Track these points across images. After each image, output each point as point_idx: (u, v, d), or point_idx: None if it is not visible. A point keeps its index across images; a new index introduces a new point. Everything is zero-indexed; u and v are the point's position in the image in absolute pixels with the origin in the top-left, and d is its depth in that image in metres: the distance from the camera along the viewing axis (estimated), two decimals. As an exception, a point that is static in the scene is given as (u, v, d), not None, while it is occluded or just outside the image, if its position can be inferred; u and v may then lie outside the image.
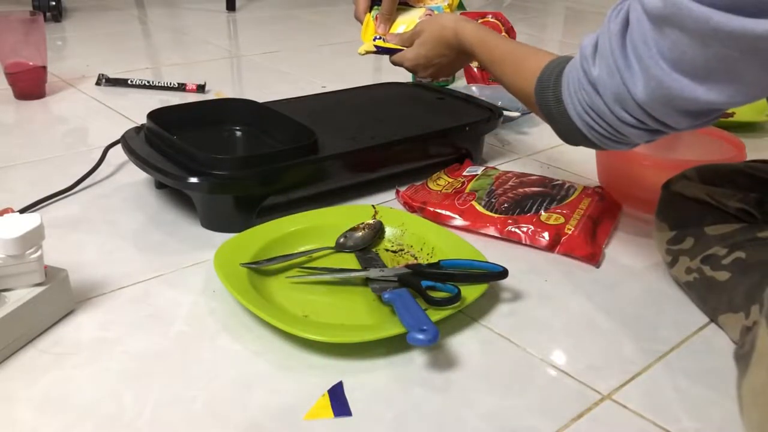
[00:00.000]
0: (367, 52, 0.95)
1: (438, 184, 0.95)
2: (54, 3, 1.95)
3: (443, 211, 0.87)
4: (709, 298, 0.69)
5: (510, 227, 0.84)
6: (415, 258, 0.78)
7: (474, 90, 1.33)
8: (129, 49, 1.75)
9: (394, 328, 0.62)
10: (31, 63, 1.28)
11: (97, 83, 1.42)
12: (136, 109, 1.27)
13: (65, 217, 0.87)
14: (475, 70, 1.44)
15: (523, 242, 0.83)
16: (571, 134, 0.68)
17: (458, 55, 0.87)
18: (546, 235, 0.82)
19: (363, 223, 0.81)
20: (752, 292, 0.63)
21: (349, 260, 0.77)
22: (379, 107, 1.06)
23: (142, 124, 0.93)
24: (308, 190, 0.90)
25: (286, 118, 0.95)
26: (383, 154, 0.96)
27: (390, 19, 0.93)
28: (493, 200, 0.88)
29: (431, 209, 0.88)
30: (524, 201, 0.88)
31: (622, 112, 0.60)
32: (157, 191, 0.94)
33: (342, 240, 0.79)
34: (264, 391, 0.59)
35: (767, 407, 0.47)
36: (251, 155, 0.88)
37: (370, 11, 0.94)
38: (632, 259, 0.82)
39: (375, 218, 0.83)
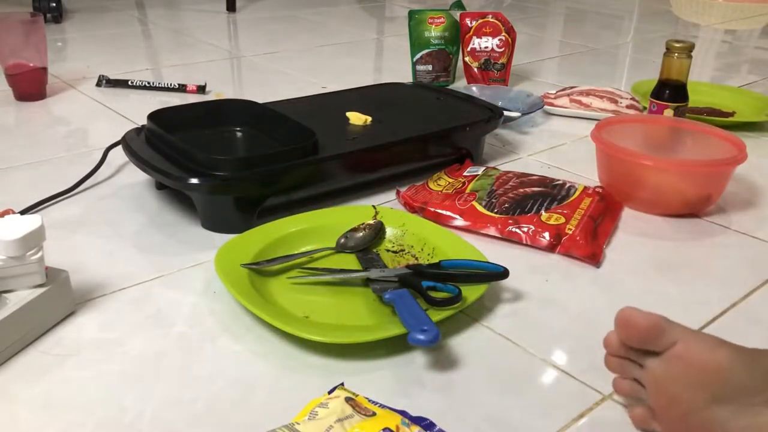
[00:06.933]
0: None
1: (438, 185, 0.95)
2: (54, 4, 1.95)
3: (444, 212, 0.87)
4: None
5: (510, 227, 0.84)
6: (416, 258, 0.78)
7: (474, 90, 1.33)
8: (129, 50, 1.75)
9: (394, 329, 0.62)
10: (31, 64, 1.28)
11: (98, 84, 1.42)
12: (137, 110, 1.27)
13: (66, 218, 0.87)
14: (475, 70, 1.44)
15: (524, 242, 0.83)
16: None
17: None
18: (546, 235, 0.82)
19: (363, 223, 0.81)
20: None
21: (350, 261, 0.77)
22: (379, 107, 1.06)
23: (142, 125, 0.93)
24: (309, 190, 0.90)
25: (286, 118, 0.95)
26: (383, 155, 0.96)
27: None
28: (493, 200, 0.88)
29: (432, 209, 0.88)
30: (525, 201, 0.88)
31: None
32: (157, 192, 0.94)
33: (342, 240, 0.79)
34: (265, 391, 0.59)
35: None
36: (252, 156, 0.88)
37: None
38: (633, 259, 0.82)
39: (375, 219, 0.83)
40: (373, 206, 0.85)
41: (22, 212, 0.86)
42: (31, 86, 1.31)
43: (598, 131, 0.97)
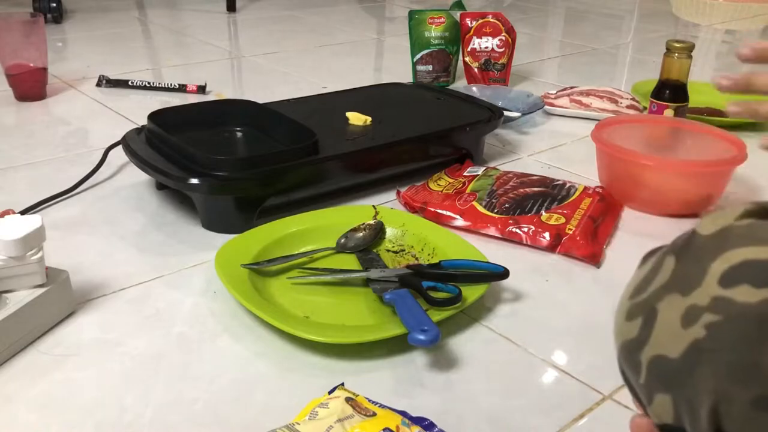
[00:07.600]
0: None
1: (439, 185, 0.95)
2: (54, 4, 1.95)
3: (444, 212, 0.87)
4: None
5: (511, 227, 0.84)
6: (416, 258, 0.78)
7: (474, 90, 1.33)
8: (129, 50, 1.75)
9: (395, 329, 0.62)
10: (31, 64, 1.28)
11: (98, 84, 1.42)
12: (137, 110, 1.27)
13: (66, 218, 0.87)
14: (475, 70, 1.44)
15: (524, 242, 0.83)
16: None
17: None
18: (547, 235, 0.82)
19: (364, 223, 0.81)
20: None
21: (350, 261, 0.77)
22: (379, 107, 1.06)
23: (142, 125, 0.93)
24: (309, 190, 0.90)
25: (286, 118, 0.95)
26: (384, 155, 0.96)
27: None
28: (493, 200, 0.88)
29: (432, 210, 0.88)
30: (525, 201, 0.88)
31: None
32: (157, 192, 0.94)
33: (343, 241, 0.79)
34: (265, 392, 0.59)
35: None
36: (252, 156, 0.88)
37: None
38: (633, 259, 0.81)
39: (376, 219, 0.83)
40: (373, 206, 0.85)
41: (22, 212, 0.86)
42: (31, 86, 1.31)
43: (598, 131, 0.97)
